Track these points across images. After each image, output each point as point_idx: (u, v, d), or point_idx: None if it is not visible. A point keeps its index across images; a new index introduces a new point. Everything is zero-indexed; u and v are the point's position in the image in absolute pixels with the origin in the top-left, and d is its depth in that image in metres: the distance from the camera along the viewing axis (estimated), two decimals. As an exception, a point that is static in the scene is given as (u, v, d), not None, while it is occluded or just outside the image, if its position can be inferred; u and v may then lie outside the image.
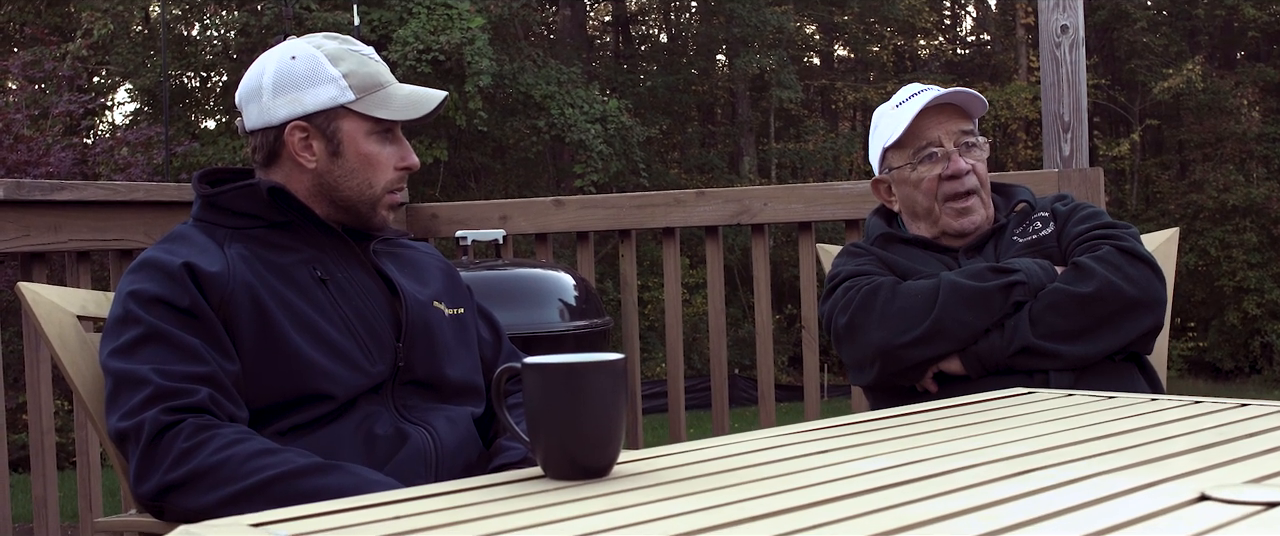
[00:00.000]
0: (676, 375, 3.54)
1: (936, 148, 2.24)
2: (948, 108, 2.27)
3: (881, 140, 2.31)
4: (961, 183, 2.23)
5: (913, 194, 2.28)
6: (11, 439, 5.24)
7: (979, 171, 2.26)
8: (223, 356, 1.68)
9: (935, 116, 2.25)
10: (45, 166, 8.71)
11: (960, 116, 2.28)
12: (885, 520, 0.96)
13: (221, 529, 0.95)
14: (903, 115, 2.26)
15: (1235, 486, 1.06)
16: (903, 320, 2.11)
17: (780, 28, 19.16)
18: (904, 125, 2.24)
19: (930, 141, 2.25)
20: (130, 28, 17.08)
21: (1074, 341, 2.08)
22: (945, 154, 2.24)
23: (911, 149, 2.26)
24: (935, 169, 2.24)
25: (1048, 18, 3.36)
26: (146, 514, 1.69)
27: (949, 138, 2.24)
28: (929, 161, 2.24)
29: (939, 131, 2.25)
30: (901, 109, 2.28)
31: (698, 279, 15.68)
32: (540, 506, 1.04)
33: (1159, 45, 20.28)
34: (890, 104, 2.33)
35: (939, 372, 2.15)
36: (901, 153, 2.28)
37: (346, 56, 1.83)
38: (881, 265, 2.26)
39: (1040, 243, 2.23)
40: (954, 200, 2.24)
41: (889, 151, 2.30)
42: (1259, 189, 19.28)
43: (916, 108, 2.24)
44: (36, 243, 2.82)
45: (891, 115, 2.30)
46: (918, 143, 2.25)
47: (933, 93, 2.26)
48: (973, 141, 2.26)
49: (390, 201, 1.86)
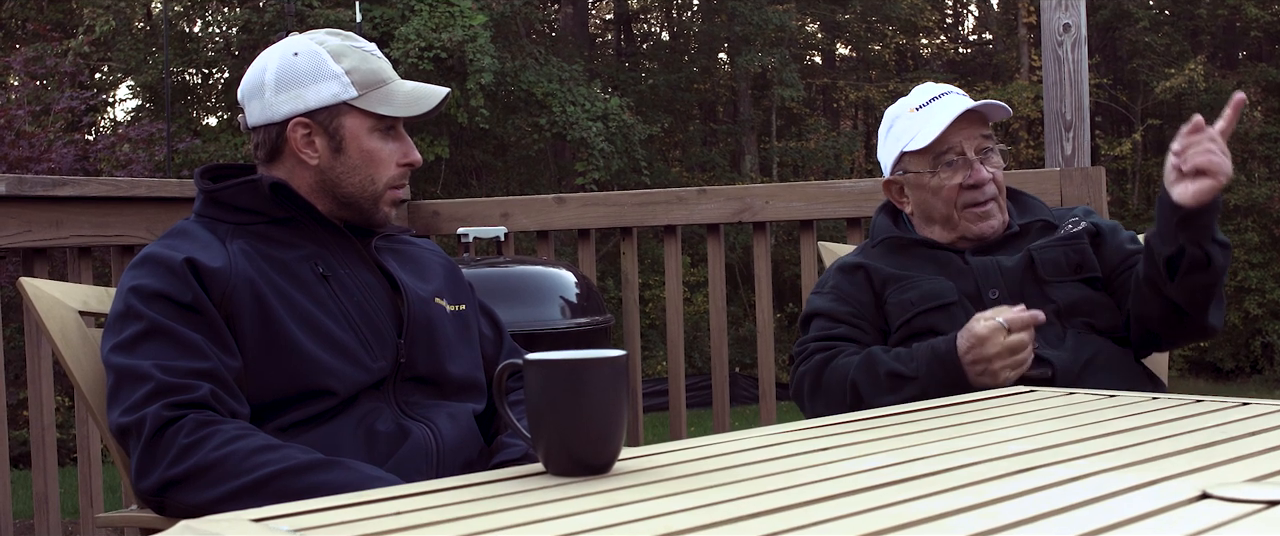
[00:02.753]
0: (677, 373, 3.54)
1: (957, 155, 2.24)
2: (969, 114, 2.25)
3: (899, 143, 2.29)
4: (982, 191, 2.24)
5: (930, 200, 2.27)
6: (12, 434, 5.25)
7: (997, 180, 2.26)
8: (224, 352, 1.68)
9: (956, 122, 2.24)
10: (47, 162, 8.72)
11: (980, 122, 2.27)
12: (885, 518, 0.96)
13: (223, 524, 0.96)
14: (927, 121, 2.24)
15: (1236, 485, 1.06)
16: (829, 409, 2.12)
17: (782, 26, 19.13)
18: (931, 136, 2.22)
19: (952, 148, 2.24)
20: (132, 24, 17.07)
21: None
22: (966, 162, 2.23)
23: (932, 155, 2.25)
24: (956, 177, 2.23)
25: (1050, 16, 3.36)
26: (148, 509, 1.69)
27: (970, 144, 2.24)
28: (949, 169, 2.24)
29: (960, 138, 2.24)
30: (923, 113, 2.26)
31: (699, 277, 15.67)
32: (541, 503, 1.05)
33: (1161, 45, 20.26)
34: (908, 104, 2.31)
35: None
36: (921, 158, 2.26)
37: (349, 53, 1.83)
38: (855, 285, 2.25)
39: (1074, 239, 2.23)
40: (974, 206, 2.24)
41: (908, 155, 2.28)
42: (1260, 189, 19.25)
43: (944, 116, 2.22)
44: (38, 238, 2.82)
45: (911, 119, 2.28)
46: (939, 148, 2.24)
47: (956, 99, 2.25)
48: (991, 147, 2.26)
49: (392, 198, 1.87)
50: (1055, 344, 2.14)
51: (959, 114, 2.22)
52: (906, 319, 2.18)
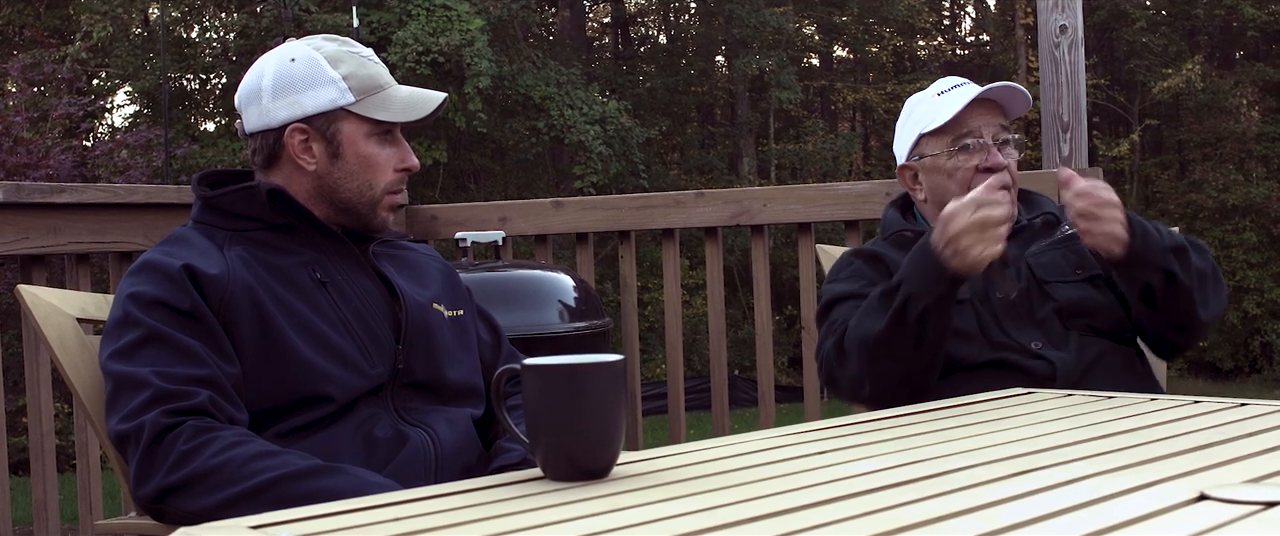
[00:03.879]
0: (676, 376, 3.54)
1: (976, 138, 2.24)
2: (989, 103, 2.26)
3: (919, 126, 2.29)
4: (999, 178, 2.24)
5: (945, 183, 2.26)
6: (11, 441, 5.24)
7: (1012, 171, 2.26)
8: (222, 359, 1.68)
9: (978, 109, 2.24)
10: (45, 169, 8.71)
11: (1001, 113, 2.28)
12: (885, 520, 0.96)
13: (222, 530, 0.95)
14: (947, 103, 2.25)
15: (1235, 486, 1.06)
16: (854, 384, 2.13)
17: (779, 29, 19.14)
18: (950, 113, 2.22)
19: (970, 131, 2.24)
20: (129, 30, 17.08)
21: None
22: (984, 146, 2.23)
23: (950, 137, 2.24)
24: (973, 159, 2.23)
25: (1047, 18, 3.36)
26: (146, 516, 1.69)
27: (989, 131, 2.24)
28: (966, 152, 2.24)
29: (980, 122, 2.24)
30: (945, 98, 2.27)
31: (697, 280, 15.66)
32: (540, 508, 1.04)
33: (1158, 45, 20.27)
34: (929, 92, 2.32)
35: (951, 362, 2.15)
36: (939, 140, 2.26)
37: (346, 58, 1.83)
38: (877, 270, 2.25)
39: (1071, 239, 2.24)
40: None
41: (926, 138, 2.28)
42: (1258, 188, 19.26)
43: (964, 97, 2.23)
44: (36, 245, 2.82)
45: (933, 103, 2.28)
46: (957, 130, 2.24)
47: (976, 87, 2.26)
48: (1008, 138, 2.26)
49: (390, 203, 1.87)
50: (1058, 345, 2.14)
51: (979, 94, 2.22)
52: None
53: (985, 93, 2.24)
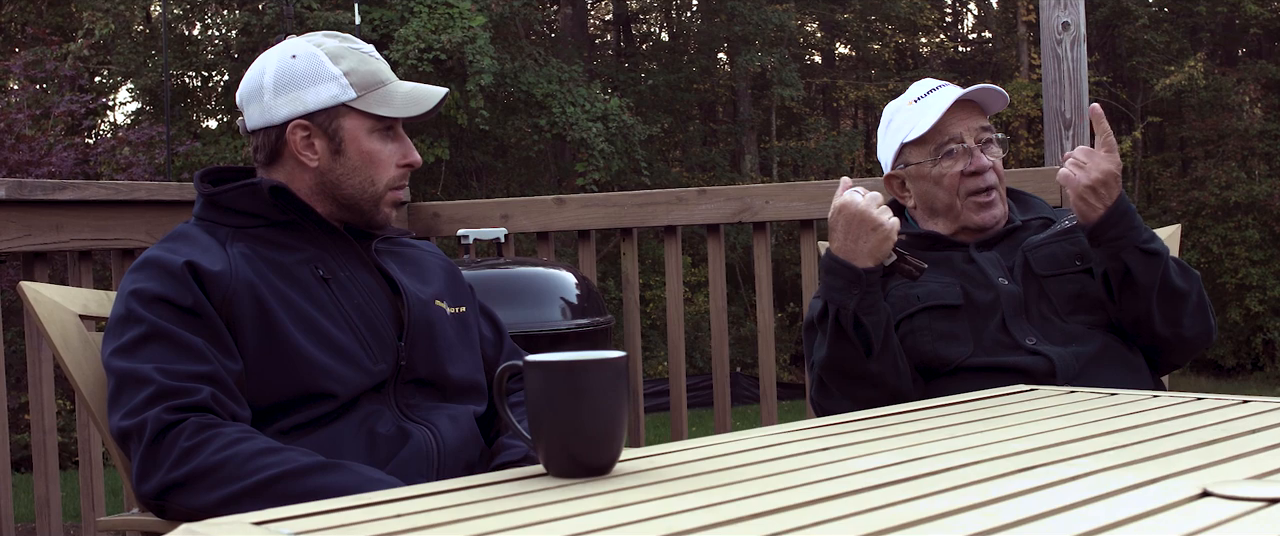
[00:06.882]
0: (678, 373, 3.54)
1: (958, 144, 2.25)
2: (968, 104, 2.27)
3: (899, 135, 2.30)
4: (984, 179, 2.25)
5: (932, 190, 2.28)
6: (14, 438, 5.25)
7: (997, 169, 2.27)
8: (225, 355, 1.68)
9: (956, 113, 2.25)
10: (47, 166, 8.72)
11: (979, 113, 2.29)
12: (886, 517, 0.96)
13: (224, 527, 0.96)
14: (925, 111, 2.26)
15: (1237, 483, 1.06)
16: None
17: (782, 26, 19.13)
18: (930, 122, 2.23)
19: (952, 137, 2.25)
20: (131, 27, 17.08)
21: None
22: (966, 150, 2.24)
23: (933, 144, 2.26)
24: (957, 165, 2.25)
25: (1049, 15, 3.36)
26: (149, 513, 1.69)
27: (970, 134, 2.25)
28: (950, 157, 2.25)
29: (960, 128, 2.25)
30: (921, 105, 2.27)
31: (699, 277, 15.67)
32: (542, 504, 1.04)
33: (1160, 42, 20.25)
34: (906, 99, 2.33)
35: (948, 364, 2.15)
36: (922, 148, 2.27)
37: (347, 54, 1.83)
38: None
39: (1070, 232, 2.24)
40: (976, 195, 2.25)
41: (908, 147, 2.29)
42: (1261, 185, 19.24)
43: (941, 104, 2.23)
44: (38, 242, 2.82)
45: (910, 111, 2.29)
46: (939, 138, 2.25)
47: (953, 90, 2.27)
48: (990, 138, 2.27)
49: (392, 199, 1.87)
50: (1055, 340, 2.14)
51: (956, 99, 2.23)
52: (908, 313, 2.19)
53: (962, 96, 2.25)
